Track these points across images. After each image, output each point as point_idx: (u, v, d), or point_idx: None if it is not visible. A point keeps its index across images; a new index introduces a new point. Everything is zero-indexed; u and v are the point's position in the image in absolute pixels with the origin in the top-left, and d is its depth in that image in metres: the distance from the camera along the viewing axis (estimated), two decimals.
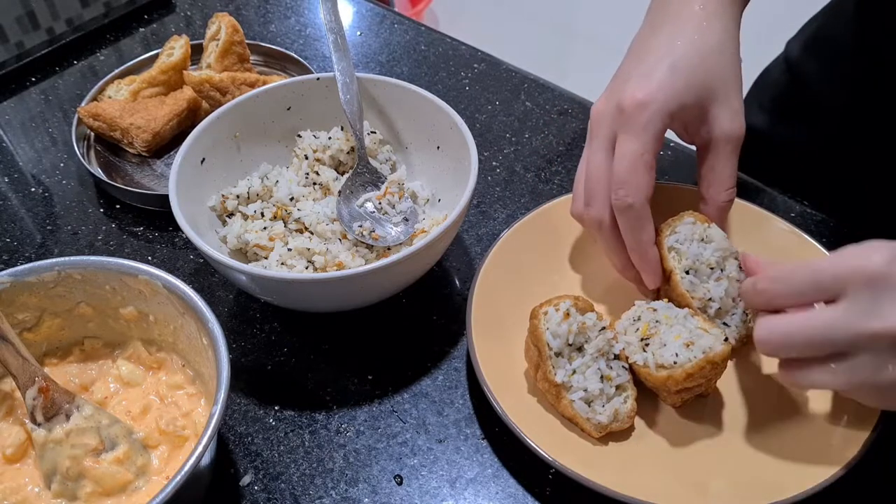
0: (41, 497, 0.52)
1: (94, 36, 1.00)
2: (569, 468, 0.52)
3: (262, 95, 0.73)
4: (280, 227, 0.67)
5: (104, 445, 0.52)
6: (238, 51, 0.86)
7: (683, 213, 0.63)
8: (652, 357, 0.56)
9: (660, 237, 0.62)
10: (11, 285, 0.56)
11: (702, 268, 0.61)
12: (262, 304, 0.69)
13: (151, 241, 0.75)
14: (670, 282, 0.62)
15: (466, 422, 0.60)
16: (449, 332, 0.67)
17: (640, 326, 0.58)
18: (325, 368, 0.64)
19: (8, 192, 0.81)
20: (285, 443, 0.59)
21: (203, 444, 0.46)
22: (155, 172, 0.81)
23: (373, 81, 0.73)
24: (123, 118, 0.80)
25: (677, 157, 0.82)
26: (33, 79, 0.95)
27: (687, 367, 0.54)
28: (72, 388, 0.57)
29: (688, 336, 0.55)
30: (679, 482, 0.55)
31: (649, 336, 0.57)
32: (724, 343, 0.54)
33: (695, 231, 0.62)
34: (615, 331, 0.59)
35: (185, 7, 1.06)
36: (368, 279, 0.58)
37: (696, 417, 0.59)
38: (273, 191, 0.70)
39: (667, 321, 0.57)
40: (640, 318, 0.59)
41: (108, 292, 0.58)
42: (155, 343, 0.60)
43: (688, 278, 0.61)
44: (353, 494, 0.56)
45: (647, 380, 0.57)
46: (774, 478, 0.54)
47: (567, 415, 0.57)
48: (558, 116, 0.88)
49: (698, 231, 0.62)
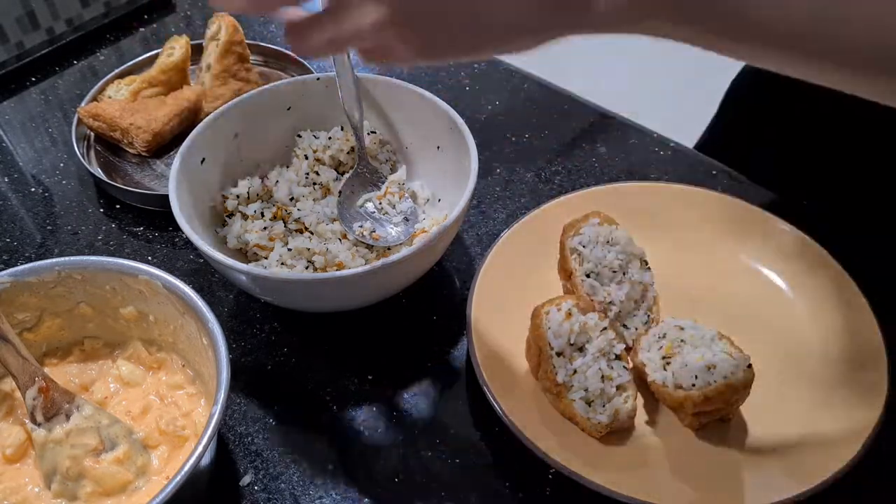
0: (41, 497, 0.52)
1: (94, 36, 1.00)
2: (569, 468, 0.52)
3: (262, 95, 0.73)
4: (280, 227, 0.67)
5: (104, 445, 0.52)
6: (238, 51, 0.86)
7: (589, 214, 0.64)
8: (671, 377, 0.56)
9: (563, 237, 0.63)
10: (11, 285, 0.56)
11: (604, 271, 0.62)
12: (262, 304, 0.69)
13: (151, 241, 0.75)
14: (571, 281, 0.62)
15: (466, 422, 0.60)
16: (449, 332, 0.67)
17: (664, 344, 0.58)
18: (325, 368, 0.64)
19: (8, 192, 0.81)
20: (285, 443, 0.59)
21: (203, 444, 0.46)
22: (155, 172, 0.81)
23: (373, 81, 0.73)
24: (123, 118, 0.80)
25: (677, 156, 0.82)
26: (33, 79, 0.95)
27: (706, 390, 0.54)
28: (72, 388, 0.57)
29: (710, 359, 0.55)
30: (679, 482, 0.55)
31: (671, 355, 0.57)
32: (746, 369, 0.54)
33: (600, 233, 0.63)
34: (639, 346, 0.59)
35: (185, 7, 1.06)
36: (368, 279, 0.58)
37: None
38: (273, 191, 0.70)
39: (692, 341, 0.57)
40: (666, 336, 0.58)
41: (108, 292, 0.58)
42: (155, 343, 0.60)
43: (588, 281, 0.62)
44: (353, 495, 0.56)
45: (664, 399, 0.57)
46: (775, 477, 0.54)
47: (567, 415, 0.57)
48: (558, 116, 0.88)
49: (603, 233, 0.63)
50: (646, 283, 0.64)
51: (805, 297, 0.65)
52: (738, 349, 0.56)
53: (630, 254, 0.63)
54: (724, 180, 0.79)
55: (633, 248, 0.64)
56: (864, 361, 0.59)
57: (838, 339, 0.62)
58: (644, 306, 0.64)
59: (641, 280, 0.63)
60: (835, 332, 0.62)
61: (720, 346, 0.56)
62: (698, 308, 0.65)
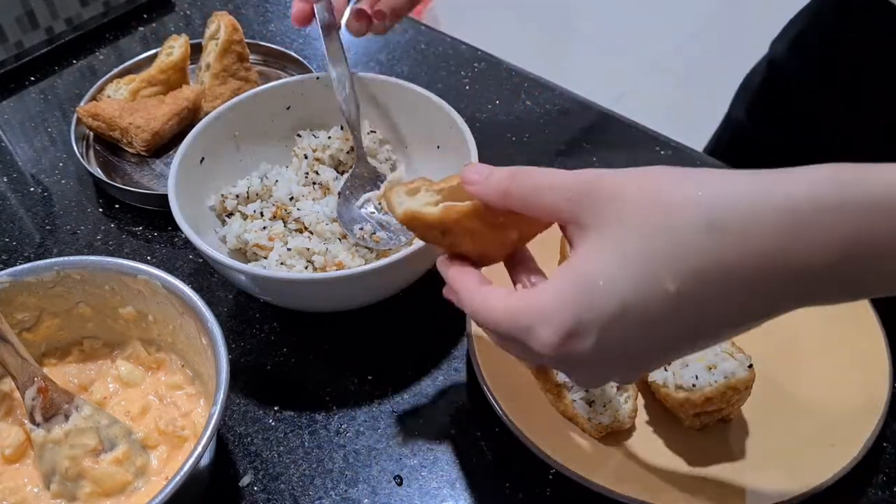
0: (40, 497, 0.52)
1: (93, 35, 1.00)
2: (569, 468, 0.52)
3: (261, 95, 0.73)
4: (280, 226, 0.67)
5: (103, 446, 0.52)
6: (237, 50, 0.86)
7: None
8: (672, 377, 0.56)
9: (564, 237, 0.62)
10: (10, 285, 0.55)
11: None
12: (262, 304, 0.69)
13: (150, 241, 0.75)
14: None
15: (466, 422, 0.60)
16: (449, 332, 0.66)
17: None
18: (325, 368, 0.64)
19: (7, 191, 0.81)
20: (285, 443, 0.59)
21: (202, 444, 0.46)
22: (154, 172, 0.81)
23: (373, 80, 0.73)
24: (123, 117, 0.80)
25: (678, 157, 0.82)
26: (32, 78, 0.94)
27: (706, 390, 0.53)
28: (71, 388, 0.57)
29: (712, 359, 0.55)
30: (680, 483, 0.54)
31: None
32: (747, 369, 0.54)
33: None
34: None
35: (184, 6, 1.06)
36: (368, 279, 0.58)
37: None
38: (272, 190, 0.69)
39: None
40: None
41: (107, 292, 0.58)
42: (154, 343, 0.60)
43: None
44: (353, 495, 0.56)
45: (665, 400, 0.57)
46: (776, 478, 0.54)
47: (568, 415, 0.57)
48: (558, 116, 0.88)
49: None
50: None
51: None
52: (738, 349, 0.56)
53: None
54: None
55: None
56: (865, 361, 0.59)
57: (839, 338, 0.61)
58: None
59: None
60: (835, 331, 0.62)
61: (721, 346, 0.56)
62: None
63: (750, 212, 0.35)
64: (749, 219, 0.35)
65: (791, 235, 0.34)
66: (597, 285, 0.37)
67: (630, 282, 0.36)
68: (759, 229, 0.35)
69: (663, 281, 0.36)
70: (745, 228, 0.35)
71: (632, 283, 0.36)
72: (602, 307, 0.37)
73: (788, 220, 0.34)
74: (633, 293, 0.36)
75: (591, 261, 0.37)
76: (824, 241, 0.34)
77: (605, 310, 0.36)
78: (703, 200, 0.36)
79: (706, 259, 0.35)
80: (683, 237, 0.36)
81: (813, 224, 0.34)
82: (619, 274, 0.36)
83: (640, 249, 0.36)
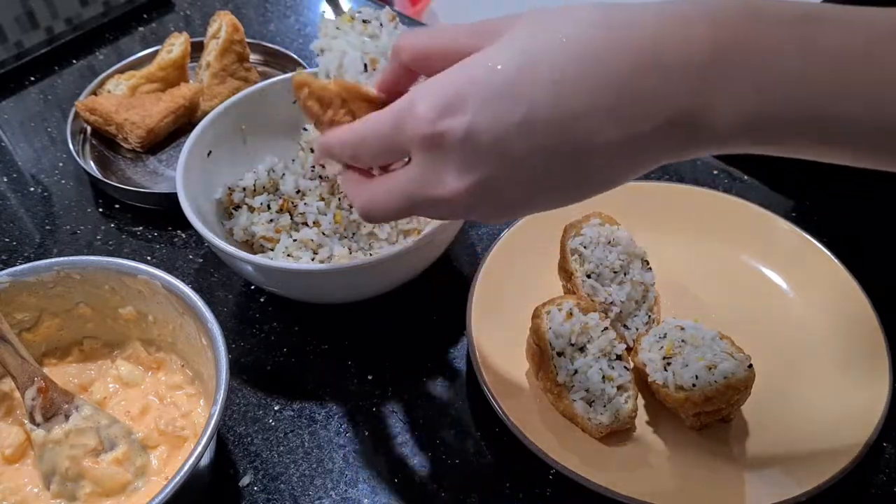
0: (40, 497, 0.52)
1: (93, 35, 1.00)
2: (569, 468, 0.52)
3: (267, 88, 0.73)
4: (286, 219, 0.67)
5: (103, 446, 0.52)
6: (237, 50, 0.86)
7: (590, 214, 0.64)
8: (672, 377, 0.56)
9: (564, 238, 0.63)
10: (10, 285, 0.55)
11: (605, 271, 0.62)
12: (262, 304, 0.69)
13: (150, 241, 0.75)
14: (572, 282, 0.62)
15: (466, 422, 0.60)
16: (449, 332, 0.66)
17: (664, 345, 0.58)
18: (325, 368, 0.64)
19: (7, 191, 0.81)
20: (285, 443, 0.59)
21: (202, 444, 0.46)
22: (147, 168, 0.81)
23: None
24: (119, 113, 0.80)
25: None
26: (32, 78, 0.94)
27: (706, 390, 0.53)
28: (71, 388, 0.57)
29: (711, 359, 0.55)
30: (680, 483, 0.54)
31: (672, 355, 0.56)
32: (747, 369, 0.54)
33: (601, 233, 0.63)
34: (640, 346, 0.59)
35: (184, 6, 1.06)
36: (372, 270, 0.58)
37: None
38: (279, 183, 0.70)
39: (693, 341, 0.57)
40: (666, 336, 0.58)
41: (107, 292, 0.58)
42: (154, 343, 0.60)
43: (589, 282, 0.61)
44: (353, 495, 0.56)
45: (665, 400, 0.57)
46: (777, 478, 0.54)
47: (568, 415, 0.57)
48: None
49: (605, 233, 0.63)
50: (647, 284, 0.64)
51: (805, 296, 0.65)
52: (738, 349, 0.56)
53: (631, 254, 0.63)
54: (725, 180, 0.79)
55: (634, 249, 0.63)
56: (866, 361, 0.59)
57: (839, 338, 0.61)
58: (645, 306, 0.64)
59: (642, 280, 0.63)
60: (836, 331, 0.62)
61: (721, 346, 0.56)
62: (699, 308, 0.65)
63: (638, 12, 0.38)
64: (634, 20, 0.37)
65: (668, 29, 0.37)
66: (483, 66, 0.38)
67: (512, 65, 0.38)
68: (641, 22, 0.37)
69: (543, 71, 0.37)
70: (630, 21, 0.37)
71: (513, 66, 0.38)
72: (481, 82, 0.38)
73: (669, 12, 0.37)
74: (515, 73, 0.37)
75: (481, 53, 0.39)
76: (696, 35, 0.36)
77: (484, 86, 0.38)
78: (591, 4, 0.39)
79: (587, 49, 0.37)
80: (568, 31, 0.38)
81: (683, 19, 0.37)
82: (504, 58, 0.38)
83: (525, 40, 0.38)
